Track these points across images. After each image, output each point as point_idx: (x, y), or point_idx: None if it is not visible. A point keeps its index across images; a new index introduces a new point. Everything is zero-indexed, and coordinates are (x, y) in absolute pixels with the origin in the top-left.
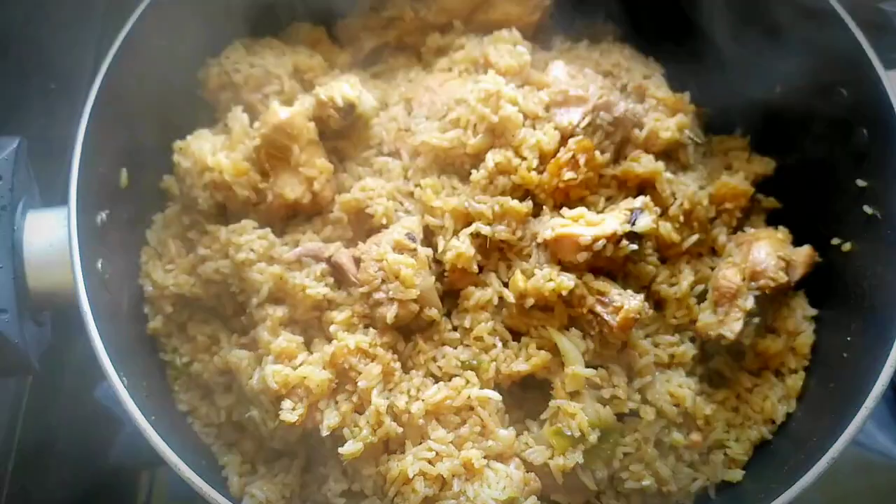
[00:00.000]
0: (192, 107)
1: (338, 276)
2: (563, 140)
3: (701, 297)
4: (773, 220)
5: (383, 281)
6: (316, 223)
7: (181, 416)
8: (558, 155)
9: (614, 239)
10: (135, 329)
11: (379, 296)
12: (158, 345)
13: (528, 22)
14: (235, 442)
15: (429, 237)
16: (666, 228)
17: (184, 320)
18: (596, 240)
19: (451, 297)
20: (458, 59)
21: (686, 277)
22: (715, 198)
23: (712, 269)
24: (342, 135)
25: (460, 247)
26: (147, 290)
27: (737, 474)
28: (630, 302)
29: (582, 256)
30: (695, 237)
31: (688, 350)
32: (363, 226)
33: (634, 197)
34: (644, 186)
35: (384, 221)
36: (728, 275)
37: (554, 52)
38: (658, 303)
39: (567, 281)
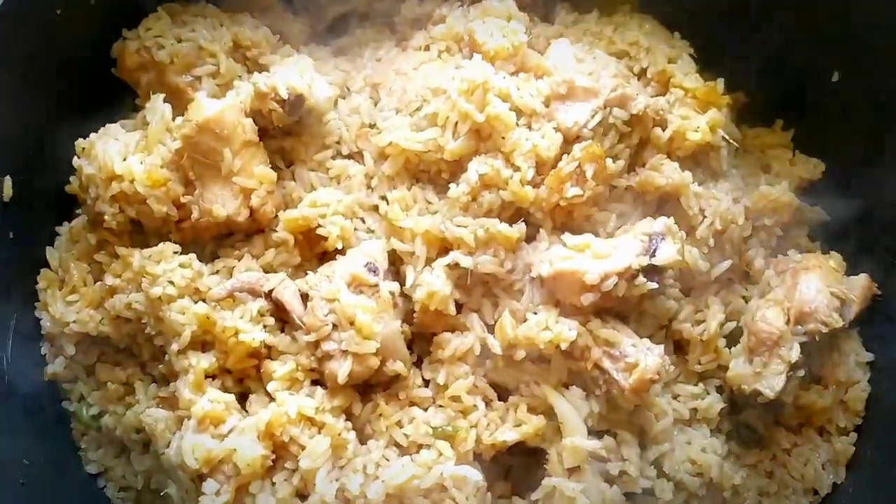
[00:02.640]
0: (108, 91)
1: (280, 314)
2: (567, 144)
3: (731, 338)
4: (817, 233)
5: (335, 327)
6: (255, 243)
7: (89, 480)
8: (560, 165)
9: (628, 275)
10: (26, 374)
11: (329, 346)
12: (61, 392)
13: None
14: None
15: (396, 264)
16: (692, 255)
17: (91, 363)
18: (605, 278)
19: (422, 339)
20: (437, 34)
21: (714, 315)
22: (752, 212)
23: (745, 299)
24: (290, 132)
25: (434, 283)
26: (45, 325)
27: None
28: (647, 358)
29: (587, 299)
30: (726, 263)
31: (713, 403)
32: (314, 248)
33: (654, 214)
34: (666, 200)
35: (340, 246)
36: (769, 317)
37: (557, 26)
38: (678, 344)
39: (568, 331)
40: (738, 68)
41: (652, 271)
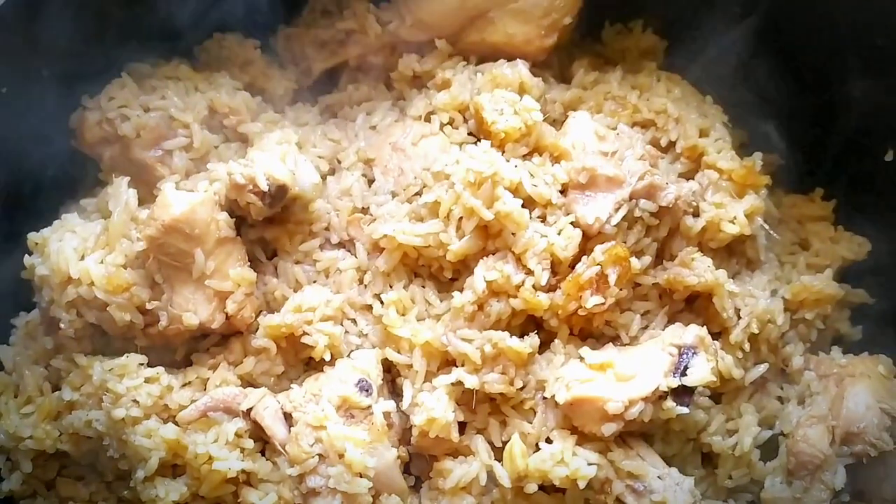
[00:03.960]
0: (69, 164)
1: (260, 434)
2: (586, 240)
3: (766, 448)
4: (859, 318)
5: (322, 457)
6: (233, 348)
7: None
8: (578, 269)
9: (655, 397)
10: None
11: (315, 482)
12: None
13: (540, 47)
14: None
15: (392, 372)
16: (726, 364)
17: (51, 477)
18: (630, 405)
19: (421, 459)
20: (439, 104)
21: (747, 428)
22: (791, 304)
23: (781, 399)
24: (272, 219)
25: (434, 408)
26: None
27: None
28: (676, 497)
29: (609, 429)
30: (762, 367)
31: None
32: (299, 354)
33: (682, 314)
34: (696, 296)
35: (328, 357)
36: (812, 437)
37: (574, 88)
38: (707, 455)
39: (586, 468)
40: (776, 128)
41: (682, 392)
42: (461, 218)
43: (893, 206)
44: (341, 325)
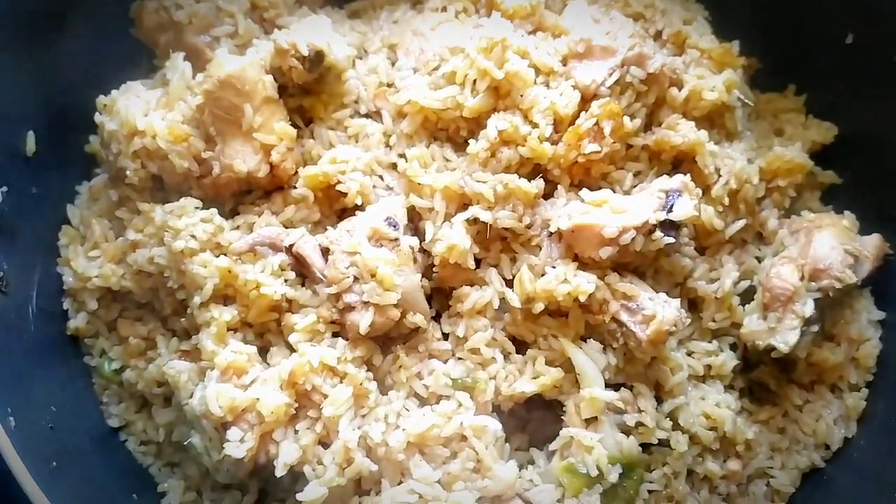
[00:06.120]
0: (128, 51)
1: (301, 269)
2: (584, 102)
3: (745, 296)
4: (829, 198)
5: (356, 280)
6: (275, 200)
7: (110, 433)
8: (578, 122)
9: (645, 230)
10: (49, 329)
11: (350, 298)
12: (82, 347)
13: None
14: (179, 463)
15: (415, 221)
16: (707, 214)
17: (113, 318)
18: (623, 231)
19: (441, 294)
20: None
21: (728, 273)
22: (766, 173)
23: (759, 259)
24: (309, 90)
25: (453, 237)
26: (67, 280)
27: None
28: (664, 311)
29: (605, 252)
30: (741, 223)
31: (727, 361)
32: (334, 205)
33: (670, 173)
34: (681, 160)
35: (359, 202)
36: (783, 273)
37: None
38: (693, 302)
39: (586, 284)
40: (751, 33)
41: (669, 226)
42: (475, 80)
43: (857, 89)
44: (370, 178)
